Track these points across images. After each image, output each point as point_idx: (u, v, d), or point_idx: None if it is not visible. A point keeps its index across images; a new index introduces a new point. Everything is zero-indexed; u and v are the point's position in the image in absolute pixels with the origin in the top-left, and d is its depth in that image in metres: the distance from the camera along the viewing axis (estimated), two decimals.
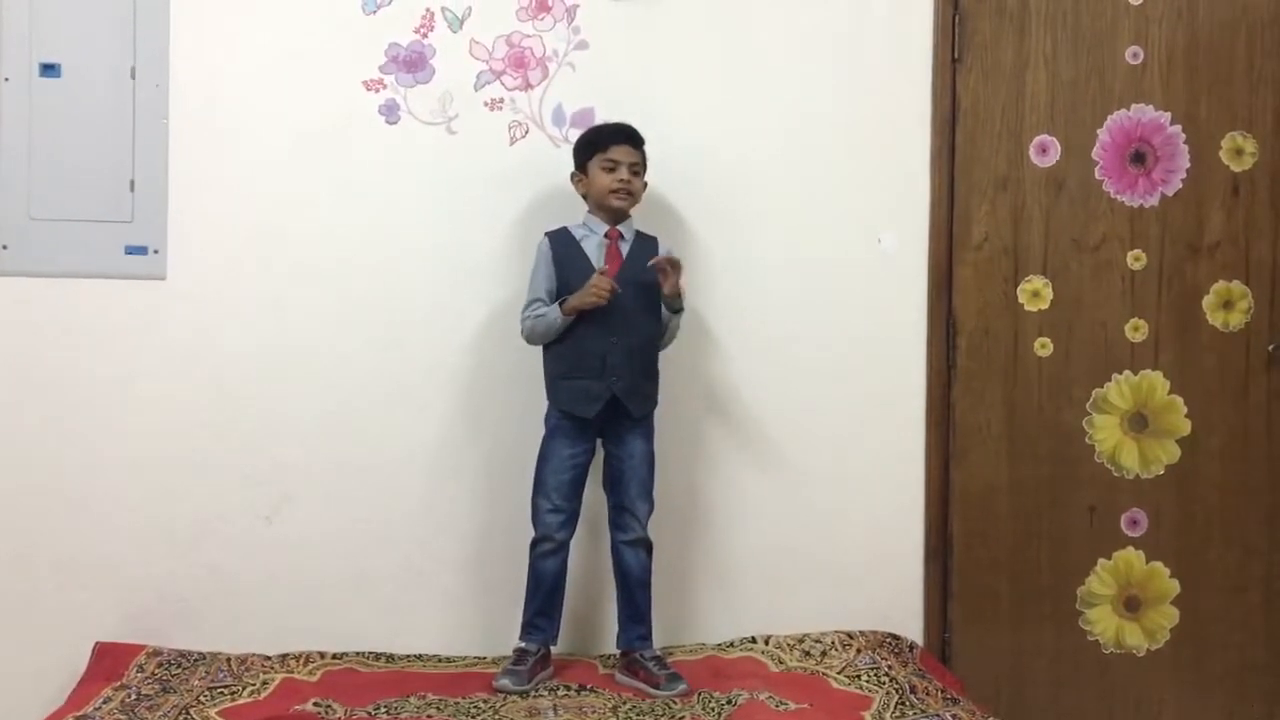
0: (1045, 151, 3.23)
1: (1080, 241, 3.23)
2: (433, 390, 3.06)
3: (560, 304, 2.78)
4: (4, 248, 2.96)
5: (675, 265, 2.80)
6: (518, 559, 2.87)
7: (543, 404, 2.88)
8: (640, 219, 2.94)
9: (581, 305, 2.76)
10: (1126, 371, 3.25)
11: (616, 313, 2.78)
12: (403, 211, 3.05)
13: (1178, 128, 3.24)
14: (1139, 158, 3.24)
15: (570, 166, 2.91)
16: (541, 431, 2.87)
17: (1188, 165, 3.24)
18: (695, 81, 3.12)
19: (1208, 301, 3.25)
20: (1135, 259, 3.24)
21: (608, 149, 2.84)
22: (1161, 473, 3.25)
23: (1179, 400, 3.25)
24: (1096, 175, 3.24)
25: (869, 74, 3.18)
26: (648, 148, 2.90)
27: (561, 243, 2.86)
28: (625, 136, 2.85)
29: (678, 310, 2.86)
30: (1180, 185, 3.24)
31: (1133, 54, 3.23)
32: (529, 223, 3.01)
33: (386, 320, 3.05)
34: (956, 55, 3.20)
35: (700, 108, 3.12)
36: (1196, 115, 3.24)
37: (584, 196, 2.89)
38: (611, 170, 2.83)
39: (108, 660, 2.81)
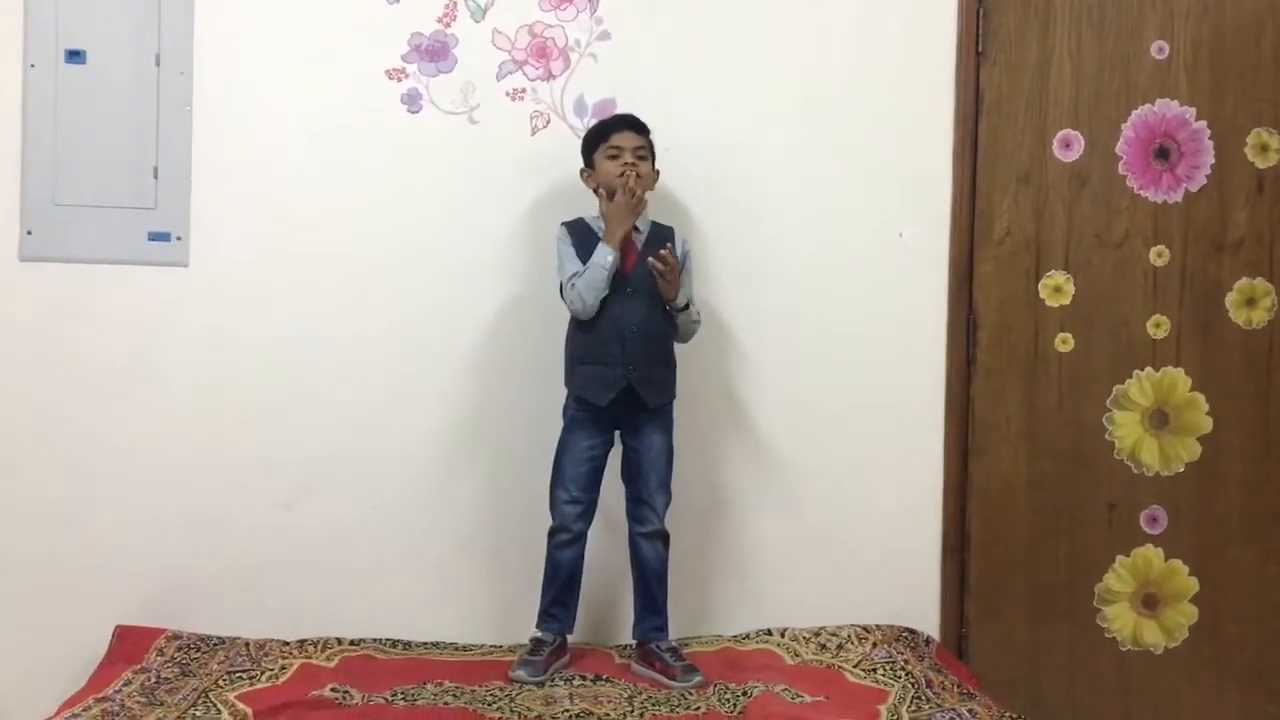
0: (1069, 146, 3.21)
1: (1103, 237, 3.22)
2: (451, 378, 3.07)
3: (600, 246, 2.75)
4: (29, 233, 2.98)
5: (668, 263, 2.75)
6: (535, 548, 2.88)
7: (560, 392, 2.88)
8: (659, 210, 2.94)
9: (625, 223, 2.76)
10: (1148, 368, 3.23)
11: (638, 301, 2.78)
12: (424, 201, 3.06)
13: (1202, 123, 3.22)
14: (1163, 153, 3.22)
15: None
16: (559, 420, 2.88)
17: (1212, 161, 3.22)
18: (716, 73, 3.12)
19: (1230, 298, 3.23)
20: (1158, 255, 3.22)
21: (610, 137, 2.83)
22: (1181, 470, 3.23)
23: (1200, 398, 3.23)
24: (1120, 170, 3.22)
25: (891, 67, 3.16)
26: (668, 140, 2.90)
27: (578, 232, 2.86)
28: (627, 124, 2.85)
29: (679, 309, 2.84)
30: (1204, 181, 3.22)
31: (1158, 49, 3.21)
32: (549, 213, 3.01)
33: (406, 309, 3.06)
34: (980, 49, 3.18)
35: (722, 100, 3.12)
36: (1221, 111, 3.22)
37: (595, 191, 2.88)
38: (616, 157, 2.82)
39: (128, 643, 2.84)
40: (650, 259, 2.75)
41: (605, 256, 2.75)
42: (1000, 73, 3.19)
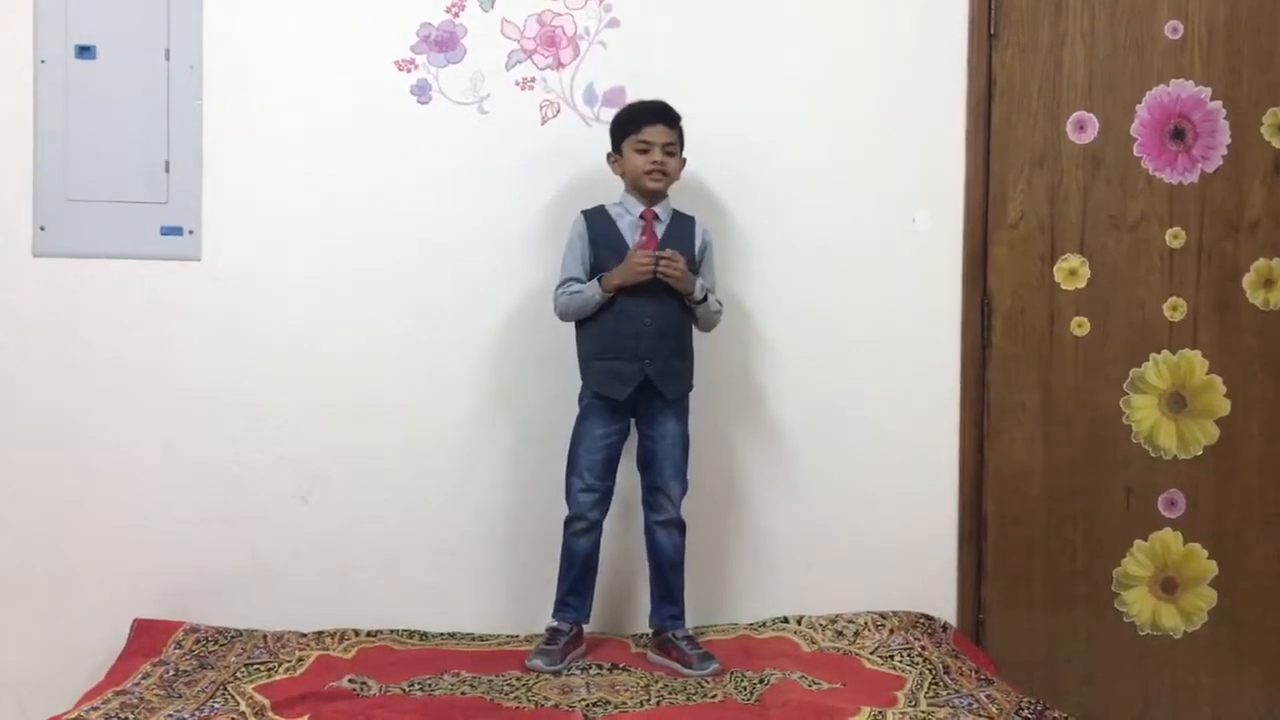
0: (1083, 128, 3.19)
1: (1118, 219, 3.20)
2: (465, 369, 3.07)
3: (599, 280, 2.78)
4: (41, 229, 2.99)
5: (676, 268, 2.74)
6: (550, 538, 2.88)
7: (575, 383, 2.88)
8: (675, 197, 2.93)
9: (624, 282, 2.75)
10: (1164, 351, 3.21)
11: (651, 294, 2.77)
12: (435, 192, 3.06)
13: (1218, 103, 3.19)
14: (1178, 134, 3.20)
15: (603, 145, 2.89)
16: (573, 411, 2.87)
17: (1228, 142, 3.19)
18: (727, 59, 3.11)
19: (1248, 280, 3.21)
20: (1174, 237, 3.20)
21: (641, 129, 2.81)
22: (1200, 453, 3.21)
23: (1218, 380, 3.21)
24: (1135, 152, 3.19)
25: (904, 51, 3.15)
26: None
27: (598, 221, 2.85)
28: (659, 116, 2.83)
29: (697, 302, 2.83)
30: (1220, 162, 3.20)
31: (1172, 29, 3.19)
32: (560, 202, 3.01)
33: (419, 300, 3.06)
34: (993, 31, 3.16)
35: (732, 86, 3.11)
36: (1237, 91, 3.19)
37: (620, 177, 2.87)
38: (645, 152, 2.80)
39: (146, 637, 2.85)
40: (656, 270, 2.74)
41: (594, 294, 2.77)
42: (1013, 55, 3.17)
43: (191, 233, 3.02)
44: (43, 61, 2.98)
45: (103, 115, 2.99)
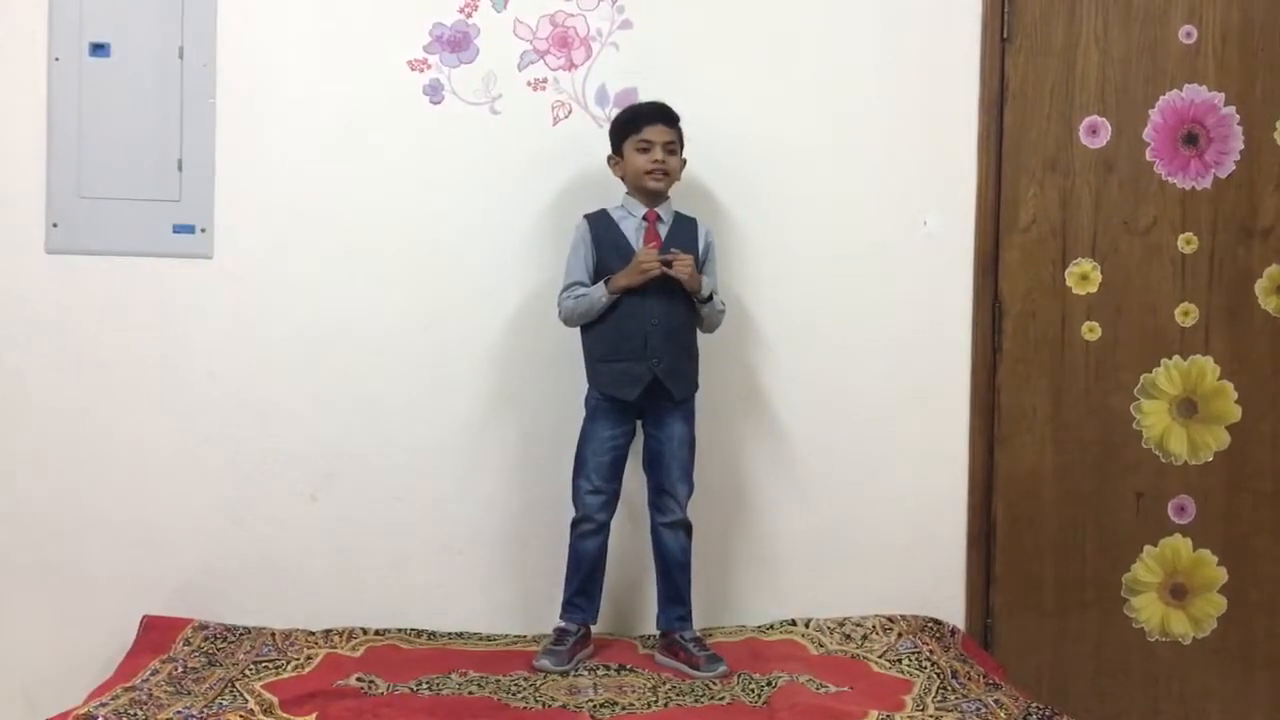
0: (1095, 133, 3.18)
1: (1130, 224, 3.19)
2: (474, 370, 3.07)
3: (605, 283, 2.78)
4: (54, 226, 3.00)
5: (686, 268, 2.75)
6: (558, 538, 2.88)
7: (582, 384, 2.88)
8: (681, 201, 2.93)
9: (630, 283, 2.75)
10: (1176, 356, 3.20)
11: (657, 294, 2.77)
12: (446, 192, 3.06)
13: (1231, 109, 3.18)
14: (1191, 139, 3.19)
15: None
16: (580, 412, 2.88)
17: (1241, 147, 3.19)
18: (739, 62, 3.11)
19: (1260, 285, 3.20)
20: (1186, 242, 3.19)
21: (641, 129, 2.82)
22: (1210, 459, 3.20)
23: (1229, 386, 3.20)
24: (1147, 157, 3.19)
25: (916, 53, 3.14)
26: (691, 129, 2.89)
27: (600, 225, 2.86)
28: (659, 115, 2.83)
29: (703, 300, 2.84)
30: (1233, 167, 3.19)
31: (1185, 33, 3.18)
32: (572, 203, 3.00)
33: (429, 300, 3.06)
34: (1005, 34, 3.15)
35: (744, 88, 3.10)
36: (1250, 96, 3.18)
37: (621, 179, 2.87)
38: (646, 151, 2.81)
39: (155, 633, 2.85)
40: (667, 271, 2.74)
41: (601, 298, 2.77)
42: (1025, 59, 3.17)
43: (204, 230, 3.03)
44: (57, 59, 2.99)
45: (116, 113, 2.99)
